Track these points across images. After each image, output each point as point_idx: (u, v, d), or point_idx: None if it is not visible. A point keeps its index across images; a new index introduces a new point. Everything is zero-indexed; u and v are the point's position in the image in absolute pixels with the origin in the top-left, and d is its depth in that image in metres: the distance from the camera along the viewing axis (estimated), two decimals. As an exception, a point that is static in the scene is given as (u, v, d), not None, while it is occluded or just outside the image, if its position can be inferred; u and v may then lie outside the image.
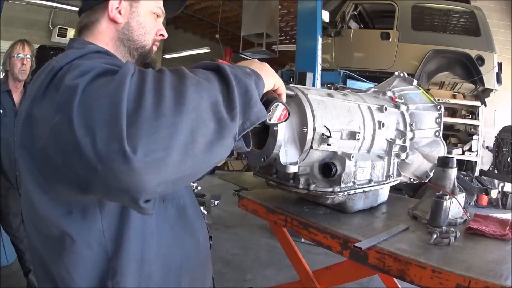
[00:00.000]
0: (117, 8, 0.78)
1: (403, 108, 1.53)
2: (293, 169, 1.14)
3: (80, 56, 0.61)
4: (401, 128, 1.50)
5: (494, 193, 5.47)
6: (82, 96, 0.50)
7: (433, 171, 1.47)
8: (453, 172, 1.28)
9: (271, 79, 0.69)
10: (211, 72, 0.58)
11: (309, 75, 3.72)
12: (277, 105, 0.69)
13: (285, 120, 0.72)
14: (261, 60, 0.75)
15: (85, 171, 0.49)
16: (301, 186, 1.22)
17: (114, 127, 0.47)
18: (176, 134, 0.49)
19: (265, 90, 0.67)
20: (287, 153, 1.14)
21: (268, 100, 0.67)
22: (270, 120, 0.69)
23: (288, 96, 0.83)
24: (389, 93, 1.59)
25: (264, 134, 1.10)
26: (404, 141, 1.49)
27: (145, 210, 0.52)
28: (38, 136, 0.57)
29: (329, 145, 1.17)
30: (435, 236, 1.05)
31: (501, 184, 5.71)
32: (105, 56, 0.67)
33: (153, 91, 0.50)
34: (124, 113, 0.47)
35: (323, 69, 4.19)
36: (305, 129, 1.14)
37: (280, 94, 0.73)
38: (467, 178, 5.05)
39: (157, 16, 0.84)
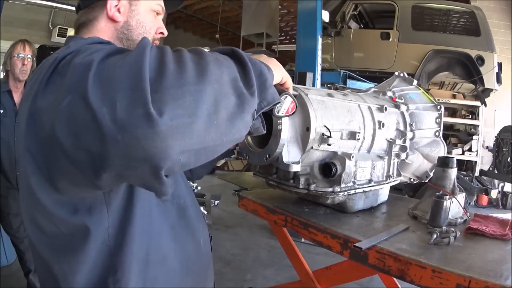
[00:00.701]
0: (116, 6, 0.76)
1: (403, 108, 1.53)
2: (295, 168, 1.14)
3: (83, 45, 0.60)
4: (401, 128, 1.50)
5: (494, 193, 5.48)
6: (97, 70, 0.48)
7: (433, 171, 1.47)
8: (453, 172, 1.28)
9: (279, 72, 0.69)
10: (227, 56, 0.59)
11: (309, 75, 3.71)
12: (286, 97, 0.70)
13: (293, 113, 0.72)
14: None
15: (101, 145, 0.47)
16: (301, 186, 1.22)
17: (137, 92, 0.46)
18: (201, 102, 0.49)
19: (273, 82, 0.67)
20: (289, 152, 1.14)
21: (277, 91, 0.67)
22: (278, 112, 0.70)
23: None
24: (389, 93, 1.59)
25: (265, 134, 1.10)
26: (404, 141, 1.49)
27: (165, 186, 0.50)
28: (42, 127, 0.55)
29: (329, 145, 1.17)
30: (435, 236, 1.05)
31: (501, 184, 5.70)
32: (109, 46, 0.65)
33: (174, 63, 0.50)
34: (147, 78, 0.46)
35: (323, 69, 4.19)
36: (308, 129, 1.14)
37: (287, 88, 0.73)
38: (467, 178, 5.04)
39: (157, 13, 0.82)
